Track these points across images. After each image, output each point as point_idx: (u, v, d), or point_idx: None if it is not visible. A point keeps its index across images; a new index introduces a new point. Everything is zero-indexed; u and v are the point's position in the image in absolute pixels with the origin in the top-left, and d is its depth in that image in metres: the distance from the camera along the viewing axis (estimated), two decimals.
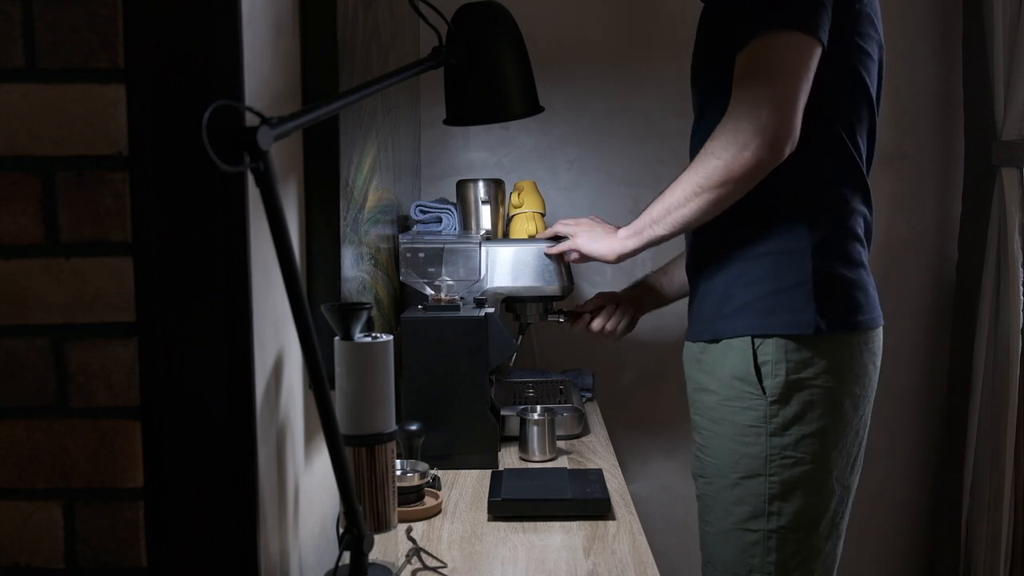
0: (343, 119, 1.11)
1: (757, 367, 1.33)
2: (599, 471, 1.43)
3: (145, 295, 0.81)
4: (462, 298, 1.58)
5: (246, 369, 0.81)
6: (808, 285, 1.32)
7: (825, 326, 1.31)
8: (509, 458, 1.60)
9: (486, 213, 1.97)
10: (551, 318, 1.77)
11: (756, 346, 1.33)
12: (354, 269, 1.21)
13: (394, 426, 1.06)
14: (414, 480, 1.33)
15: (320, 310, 1.03)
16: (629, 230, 1.45)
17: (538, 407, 1.63)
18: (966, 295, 2.28)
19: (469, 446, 1.52)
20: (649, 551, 1.18)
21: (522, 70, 1.19)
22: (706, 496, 1.42)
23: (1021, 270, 2.19)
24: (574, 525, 1.27)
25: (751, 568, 1.36)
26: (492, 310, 1.55)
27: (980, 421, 2.23)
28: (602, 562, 1.14)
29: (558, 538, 1.23)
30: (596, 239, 1.54)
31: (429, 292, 1.58)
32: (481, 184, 1.98)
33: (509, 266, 1.74)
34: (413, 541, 1.16)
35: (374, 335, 1.05)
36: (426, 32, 1.17)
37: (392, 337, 1.06)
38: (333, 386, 1.01)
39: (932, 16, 2.30)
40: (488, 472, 1.48)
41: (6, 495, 0.82)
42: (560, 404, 1.77)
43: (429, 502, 1.33)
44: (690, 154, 1.45)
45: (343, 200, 1.13)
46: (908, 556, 2.41)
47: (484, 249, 1.66)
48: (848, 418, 1.35)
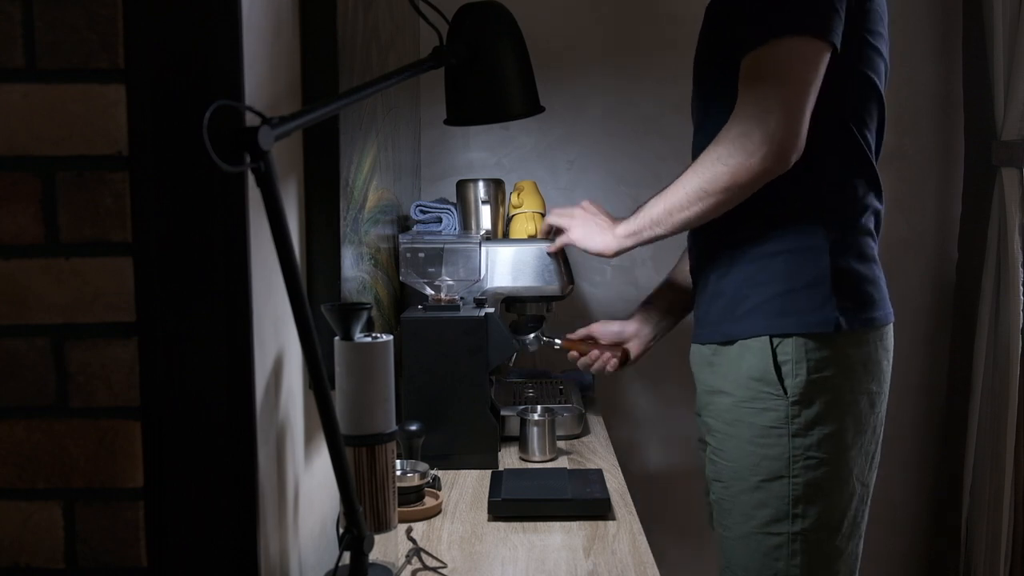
0: (343, 119, 1.11)
1: (777, 367, 1.30)
2: (599, 471, 1.43)
3: (145, 295, 0.81)
4: (462, 298, 1.58)
5: (246, 369, 0.81)
6: (826, 283, 1.29)
7: (845, 323, 1.29)
8: (509, 458, 1.60)
9: (486, 213, 1.97)
10: (545, 341, 1.75)
11: (775, 346, 1.30)
12: (354, 269, 1.21)
13: (394, 426, 1.06)
14: (414, 480, 1.33)
15: (320, 310, 1.03)
16: (628, 228, 1.44)
17: (538, 407, 1.63)
18: (966, 295, 2.28)
19: (469, 446, 1.52)
20: (649, 551, 1.18)
21: (522, 70, 1.19)
22: (723, 500, 1.38)
23: (1021, 270, 2.19)
24: (574, 525, 1.27)
25: (776, 572, 1.32)
26: (492, 310, 1.55)
27: (980, 421, 2.23)
28: (602, 562, 1.14)
29: (558, 538, 1.23)
30: (592, 234, 1.51)
31: (429, 292, 1.58)
32: (481, 184, 1.98)
33: (509, 266, 1.74)
34: (413, 541, 1.16)
35: (374, 335, 1.05)
36: (426, 32, 1.17)
37: (392, 337, 1.06)
38: (333, 386, 1.01)
39: (932, 16, 2.30)
40: (488, 472, 1.48)
41: (6, 495, 0.82)
42: (560, 404, 1.77)
43: (429, 502, 1.33)
44: (693, 153, 1.43)
45: (343, 200, 1.13)
46: (908, 556, 2.41)
47: (484, 249, 1.66)
48: (866, 416, 1.33)
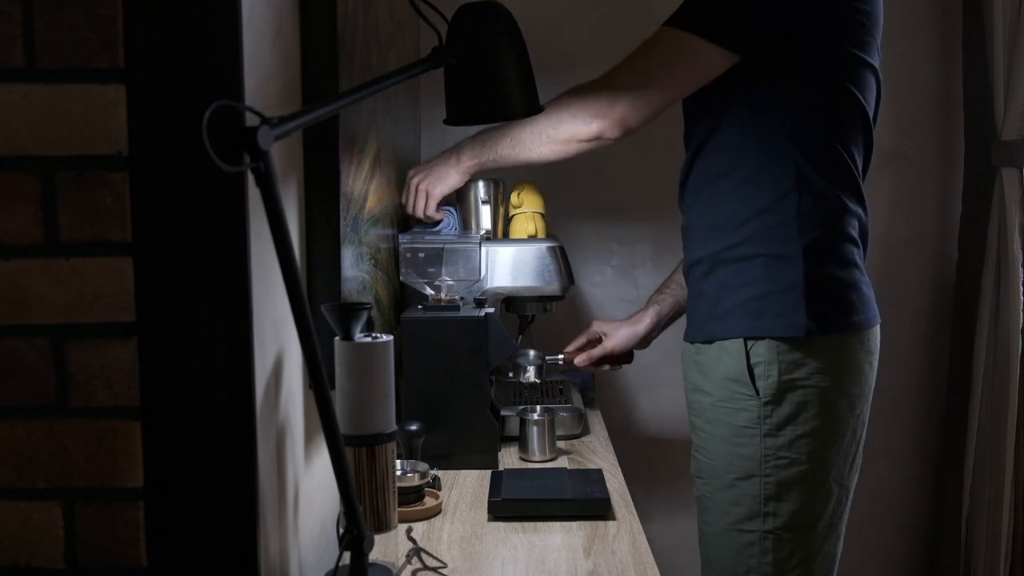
0: (343, 119, 1.11)
1: (750, 368, 1.34)
2: (599, 471, 1.43)
3: (145, 295, 0.81)
4: (462, 298, 1.58)
5: (246, 369, 0.81)
6: (799, 288, 1.32)
7: (817, 328, 1.32)
8: (509, 458, 1.60)
9: (486, 213, 1.97)
10: (550, 360, 1.78)
11: (749, 347, 1.34)
12: (354, 269, 1.21)
13: (394, 426, 1.06)
14: (414, 480, 1.33)
15: (320, 310, 1.03)
16: (471, 157, 1.56)
17: (538, 407, 1.63)
18: (966, 295, 2.28)
19: (469, 446, 1.52)
20: (649, 551, 1.18)
21: (522, 70, 1.19)
22: (704, 497, 1.43)
23: (1021, 270, 2.19)
24: (574, 525, 1.27)
25: (748, 568, 1.36)
26: (492, 310, 1.55)
27: (980, 421, 2.23)
28: (602, 562, 1.14)
29: (558, 538, 1.23)
30: (439, 178, 1.63)
31: (429, 292, 1.58)
32: (481, 184, 1.98)
33: (509, 266, 1.74)
34: (413, 541, 1.16)
35: (374, 335, 1.05)
36: (426, 32, 1.17)
37: (392, 337, 1.06)
38: (333, 386, 1.01)
39: (932, 16, 2.30)
40: (488, 472, 1.48)
41: (6, 495, 0.82)
42: (560, 404, 1.77)
43: (429, 502, 1.33)
44: (680, 187, 1.48)
45: (343, 200, 1.13)
46: (908, 556, 2.40)
47: (484, 249, 1.66)
48: (844, 417, 1.35)
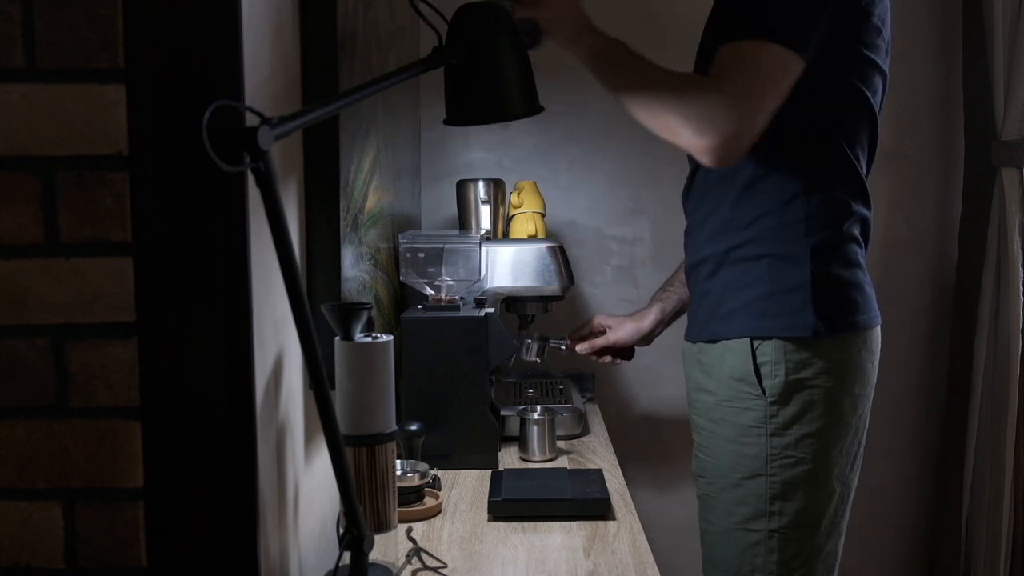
0: (343, 119, 1.11)
1: (756, 368, 1.34)
2: (599, 471, 1.43)
3: (145, 295, 0.81)
4: (462, 298, 1.58)
5: (246, 369, 0.81)
6: (806, 288, 1.32)
7: (823, 328, 1.32)
8: (509, 458, 1.60)
9: (486, 213, 1.97)
10: (553, 344, 1.78)
11: (755, 347, 1.34)
12: (354, 269, 1.21)
13: (394, 426, 1.06)
14: (414, 480, 1.33)
15: (320, 310, 1.03)
16: (597, 44, 1.38)
17: (538, 407, 1.63)
18: (966, 295, 2.28)
19: (469, 446, 1.52)
20: (649, 551, 1.18)
21: (522, 70, 1.19)
22: (707, 496, 1.42)
23: (1021, 270, 2.18)
24: (574, 525, 1.27)
25: (753, 568, 1.36)
26: (492, 310, 1.55)
27: (980, 421, 2.23)
28: (602, 562, 1.14)
29: (558, 538, 1.23)
30: (560, 23, 1.40)
31: (429, 292, 1.58)
32: (481, 184, 1.98)
33: (509, 266, 1.74)
34: (413, 541, 1.16)
35: (374, 335, 1.05)
36: (426, 32, 1.17)
37: (392, 337, 1.06)
38: (333, 386, 1.01)
39: (932, 16, 2.30)
40: (488, 472, 1.48)
41: (6, 495, 0.82)
42: (560, 404, 1.77)
43: (429, 502, 1.33)
44: (686, 188, 1.47)
45: (343, 200, 1.13)
46: (908, 556, 2.40)
47: (484, 249, 1.66)
48: (847, 417, 1.36)
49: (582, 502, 1.29)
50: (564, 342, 1.77)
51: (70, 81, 0.79)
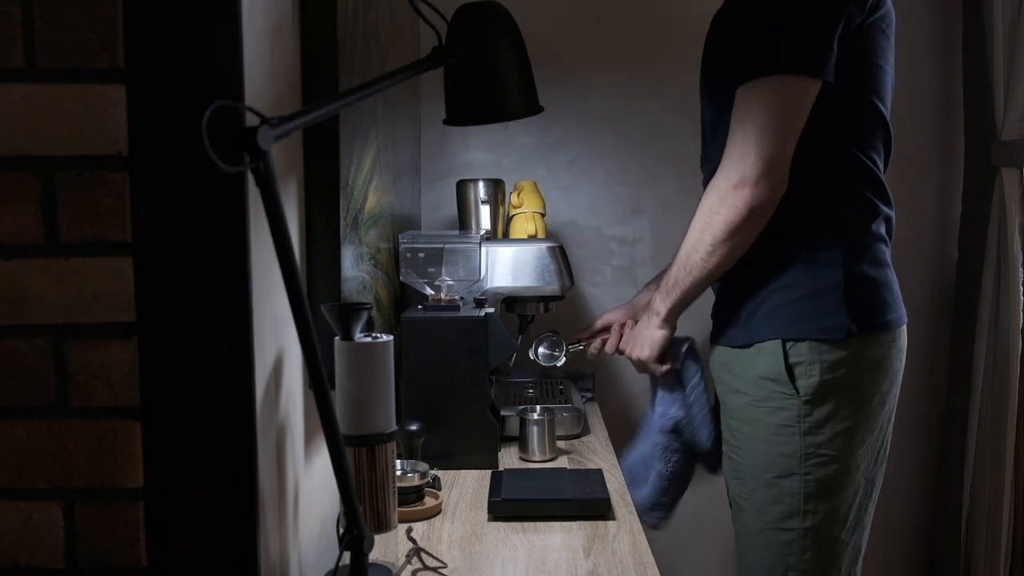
0: (343, 119, 1.11)
1: (789, 368, 1.35)
2: (599, 471, 1.43)
3: (145, 295, 0.81)
4: (462, 298, 1.58)
5: (246, 369, 0.81)
6: (840, 290, 1.34)
7: (857, 329, 1.34)
8: (509, 458, 1.60)
9: (486, 213, 1.97)
10: (571, 348, 1.76)
11: (787, 348, 1.35)
12: (354, 269, 1.21)
13: (394, 426, 1.06)
14: (414, 480, 1.33)
15: (320, 310, 1.03)
16: (664, 308, 1.47)
17: (538, 407, 1.63)
18: (966, 295, 2.28)
19: (469, 446, 1.52)
20: (649, 551, 1.18)
21: (522, 70, 1.19)
22: (739, 497, 1.43)
23: (1021, 270, 2.18)
24: (574, 525, 1.27)
25: (787, 567, 1.37)
26: (492, 310, 1.55)
27: (980, 421, 2.23)
28: (602, 562, 1.14)
29: (558, 538, 1.23)
30: (642, 342, 1.53)
31: (429, 292, 1.58)
32: (481, 184, 1.98)
33: (509, 266, 1.74)
34: (413, 541, 1.16)
35: (374, 335, 1.05)
36: (426, 32, 1.17)
37: (392, 337, 1.06)
38: (333, 386, 1.01)
39: (932, 16, 2.30)
40: (488, 472, 1.48)
41: (6, 495, 0.82)
42: (560, 404, 1.77)
43: (429, 502, 1.33)
44: (701, 161, 1.50)
45: (343, 200, 1.13)
46: (908, 556, 2.40)
47: (484, 249, 1.66)
48: (876, 414, 1.38)
49: (582, 502, 1.29)
50: (579, 345, 1.75)
51: (70, 81, 0.79)
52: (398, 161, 1.73)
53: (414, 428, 1.42)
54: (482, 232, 1.88)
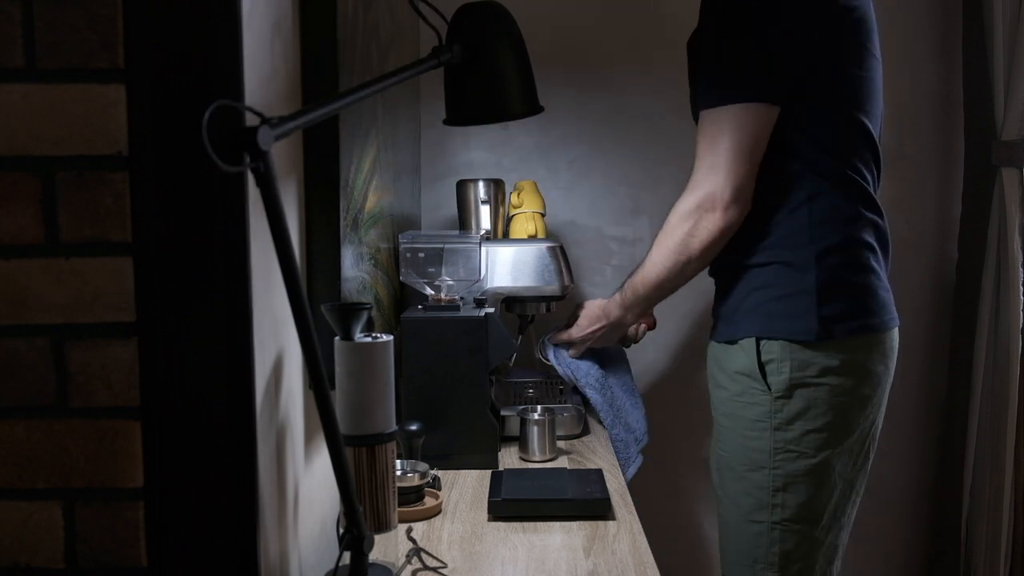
0: (343, 119, 1.11)
1: (761, 365, 1.39)
2: (599, 471, 1.43)
3: (145, 295, 0.81)
4: (462, 298, 1.58)
5: (246, 369, 0.81)
6: (811, 294, 1.37)
7: (827, 332, 1.37)
8: (509, 458, 1.60)
9: (486, 213, 1.97)
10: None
11: (761, 345, 1.39)
12: (354, 269, 1.21)
13: (394, 426, 1.06)
14: (414, 480, 1.33)
15: (320, 310, 1.03)
16: (622, 301, 1.61)
17: (538, 407, 1.63)
18: (966, 295, 2.28)
19: (469, 446, 1.52)
20: (649, 551, 1.18)
21: (522, 70, 1.19)
22: (719, 489, 1.49)
23: (1021, 270, 2.18)
24: (574, 525, 1.27)
25: (755, 559, 1.41)
26: (492, 310, 1.55)
27: (980, 421, 2.23)
28: (602, 562, 1.14)
29: (558, 538, 1.23)
30: (606, 336, 1.70)
31: (429, 292, 1.58)
32: (481, 184, 1.98)
33: (509, 266, 1.74)
34: (413, 541, 1.16)
35: (374, 335, 1.05)
36: (426, 32, 1.17)
37: (392, 337, 1.06)
38: (333, 386, 1.01)
39: (932, 16, 2.30)
40: (488, 472, 1.48)
41: (6, 495, 0.82)
42: (560, 404, 1.77)
43: (429, 502, 1.33)
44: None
45: (343, 200, 1.13)
46: (908, 556, 2.40)
47: (484, 249, 1.66)
48: (854, 417, 1.40)
49: (582, 502, 1.29)
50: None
51: (70, 81, 0.79)
52: (398, 161, 1.73)
53: (414, 428, 1.42)
54: (482, 232, 1.88)
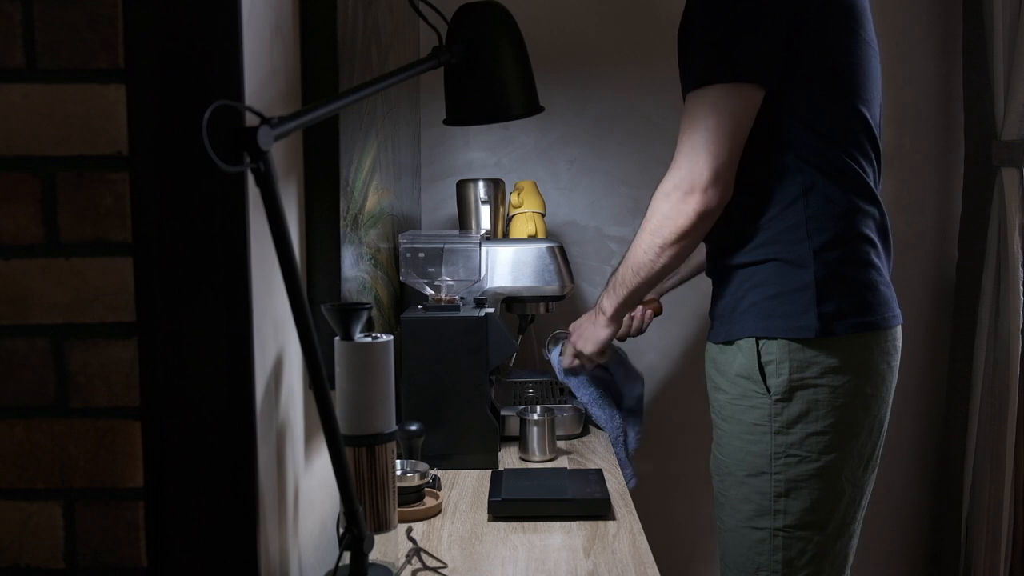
0: (343, 119, 1.11)
1: (761, 366, 1.35)
2: (599, 471, 1.43)
3: (145, 295, 0.81)
4: (462, 298, 1.58)
5: (246, 369, 0.81)
6: (810, 290, 1.34)
7: (827, 329, 1.33)
8: (509, 458, 1.60)
9: (486, 213, 1.97)
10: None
11: (760, 346, 1.36)
12: (354, 269, 1.21)
13: (394, 426, 1.06)
14: (414, 480, 1.33)
15: (320, 310, 1.03)
16: (609, 304, 1.58)
17: (538, 407, 1.63)
18: (966, 295, 2.28)
19: (469, 446, 1.52)
20: (649, 551, 1.18)
21: (522, 70, 1.19)
22: (719, 494, 1.45)
23: (1021, 270, 2.18)
24: (574, 525, 1.27)
25: (758, 566, 1.37)
26: (492, 310, 1.55)
27: (980, 421, 2.23)
28: (602, 562, 1.14)
29: (558, 538, 1.23)
30: (587, 337, 1.66)
31: (429, 292, 1.58)
32: (481, 184, 1.98)
33: (509, 266, 1.74)
34: (413, 541, 1.16)
35: (374, 335, 1.05)
36: (426, 32, 1.17)
37: (392, 337, 1.06)
38: (333, 386, 1.01)
39: (932, 16, 2.30)
40: (488, 472, 1.48)
41: (6, 495, 0.82)
42: (560, 404, 1.77)
43: (429, 502, 1.33)
44: None
45: (343, 200, 1.13)
46: (908, 556, 2.40)
47: (484, 249, 1.66)
48: (858, 418, 1.36)
49: (582, 502, 1.29)
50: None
51: (70, 81, 0.79)
52: (398, 161, 1.73)
53: (414, 428, 1.42)
54: (482, 232, 1.88)
